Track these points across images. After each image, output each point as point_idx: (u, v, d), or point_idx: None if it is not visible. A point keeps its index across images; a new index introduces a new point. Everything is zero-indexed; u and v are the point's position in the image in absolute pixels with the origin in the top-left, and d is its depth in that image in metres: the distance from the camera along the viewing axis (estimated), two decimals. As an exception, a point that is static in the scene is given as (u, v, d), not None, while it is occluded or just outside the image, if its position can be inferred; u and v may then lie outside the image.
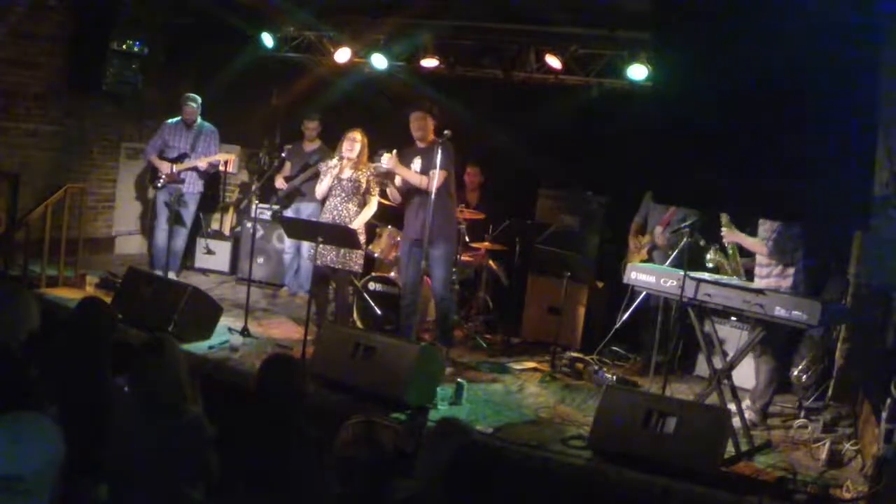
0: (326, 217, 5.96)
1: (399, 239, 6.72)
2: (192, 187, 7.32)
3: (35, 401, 2.78)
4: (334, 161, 6.01)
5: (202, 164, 7.19)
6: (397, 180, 5.78)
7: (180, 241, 7.40)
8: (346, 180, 5.95)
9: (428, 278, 6.01)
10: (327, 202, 6.03)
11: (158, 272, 7.09)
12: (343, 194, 5.96)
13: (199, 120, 7.30)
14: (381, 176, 5.80)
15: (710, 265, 5.33)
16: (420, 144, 5.75)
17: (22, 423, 2.65)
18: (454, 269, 6.35)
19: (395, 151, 5.61)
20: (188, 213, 7.35)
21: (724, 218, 5.19)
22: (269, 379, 3.21)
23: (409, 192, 5.79)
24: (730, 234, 5.22)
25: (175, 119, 7.32)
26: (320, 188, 6.07)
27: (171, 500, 3.03)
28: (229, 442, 3.11)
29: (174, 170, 7.17)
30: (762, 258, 5.17)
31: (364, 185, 5.97)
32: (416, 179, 5.62)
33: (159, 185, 7.22)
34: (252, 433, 3.07)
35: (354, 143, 5.94)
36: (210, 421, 3.18)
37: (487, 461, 2.81)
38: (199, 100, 7.27)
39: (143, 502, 3.02)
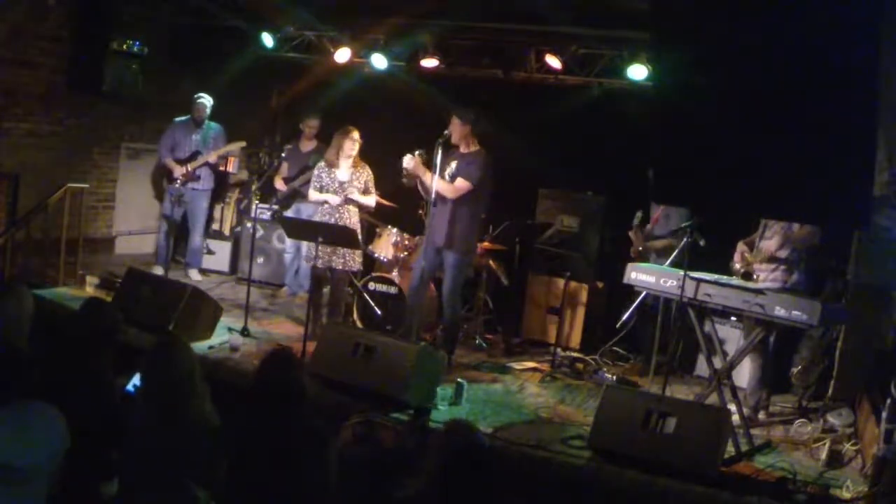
0: (325, 218, 6.00)
1: (398, 239, 6.74)
2: (205, 184, 7.59)
3: (38, 395, 2.79)
4: (324, 166, 6.09)
5: (213, 158, 7.47)
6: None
7: (197, 238, 7.71)
8: (347, 183, 5.99)
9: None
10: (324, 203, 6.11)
11: (159, 270, 7.13)
12: (342, 195, 6.00)
13: (206, 120, 7.51)
14: (412, 175, 5.77)
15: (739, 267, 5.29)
16: (462, 150, 5.69)
17: (29, 414, 2.66)
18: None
19: (417, 153, 5.55)
20: (200, 210, 7.63)
21: None
22: (269, 373, 3.22)
23: (438, 195, 5.75)
24: None
25: (183, 118, 7.54)
26: (316, 196, 6.15)
27: (178, 499, 3.03)
28: (230, 438, 3.11)
29: (189, 168, 7.41)
30: (766, 255, 5.17)
31: (362, 186, 6.03)
32: (436, 185, 5.52)
33: (177, 185, 7.40)
34: (253, 426, 3.08)
35: (356, 143, 6.02)
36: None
37: (488, 461, 2.80)
38: (211, 100, 7.47)
39: (150, 500, 3.02)
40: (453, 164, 5.66)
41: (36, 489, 2.64)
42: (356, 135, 6.03)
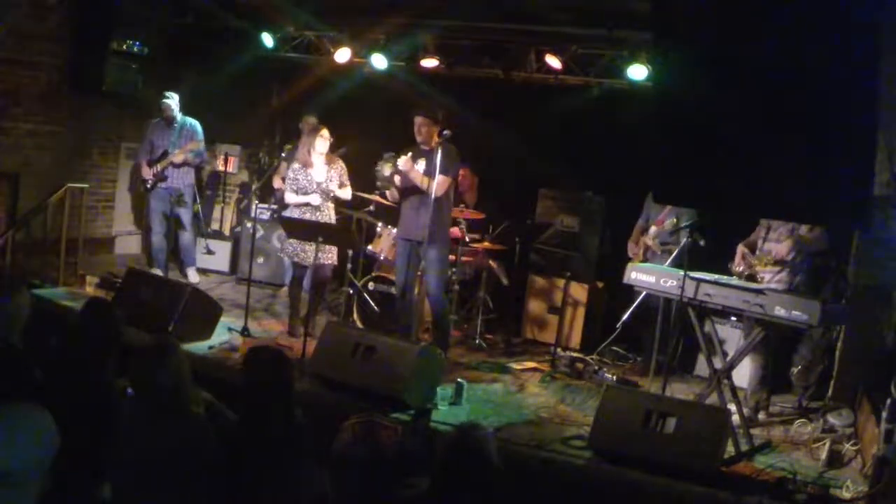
0: (305, 216, 6.03)
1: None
2: (182, 181, 7.43)
3: (36, 395, 2.78)
4: (298, 167, 6.07)
5: (177, 158, 7.30)
6: (396, 179, 5.79)
7: (188, 237, 7.62)
8: (325, 182, 6.04)
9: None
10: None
11: (158, 272, 7.12)
12: (322, 195, 6.06)
13: (179, 117, 7.39)
14: (387, 178, 5.78)
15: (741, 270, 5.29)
16: (424, 147, 5.70)
17: (17, 416, 2.64)
18: (453, 269, 6.36)
19: (410, 154, 5.59)
20: (186, 211, 7.51)
21: None
22: (253, 372, 3.22)
23: (407, 191, 5.78)
24: None
25: (157, 118, 7.45)
26: (297, 199, 6.10)
27: (173, 501, 3.03)
28: (224, 437, 3.11)
29: (158, 168, 7.31)
30: (775, 258, 5.18)
31: (338, 181, 6.10)
32: (425, 183, 5.56)
33: (148, 186, 7.38)
34: (244, 426, 3.08)
35: (327, 141, 6.05)
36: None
37: (489, 461, 2.80)
38: (176, 97, 7.35)
39: (145, 502, 3.02)
40: (421, 163, 5.66)
41: (24, 492, 2.62)
42: (326, 132, 6.06)
